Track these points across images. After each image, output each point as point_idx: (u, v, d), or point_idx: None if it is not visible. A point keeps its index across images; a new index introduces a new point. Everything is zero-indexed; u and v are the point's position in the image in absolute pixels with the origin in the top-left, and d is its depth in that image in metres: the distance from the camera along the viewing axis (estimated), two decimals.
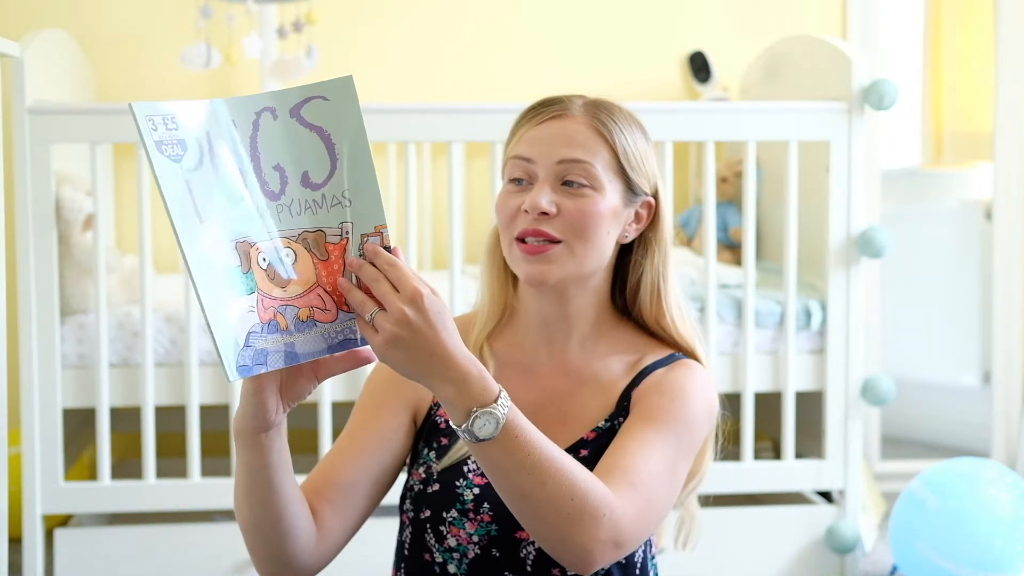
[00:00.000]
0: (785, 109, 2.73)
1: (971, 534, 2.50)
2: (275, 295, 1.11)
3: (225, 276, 1.08)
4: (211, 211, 1.08)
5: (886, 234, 2.71)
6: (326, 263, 1.13)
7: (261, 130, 1.11)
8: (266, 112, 1.11)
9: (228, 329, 1.07)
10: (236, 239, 1.09)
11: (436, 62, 3.52)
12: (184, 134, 1.07)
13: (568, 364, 1.45)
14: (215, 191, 1.08)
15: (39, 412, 2.55)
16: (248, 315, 1.09)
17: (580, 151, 1.38)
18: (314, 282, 1.13)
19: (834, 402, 2.75)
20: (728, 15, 3.60)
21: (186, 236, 1.06)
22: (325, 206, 1.13)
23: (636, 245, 1.46)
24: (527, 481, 1.19)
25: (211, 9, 3.03)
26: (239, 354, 1.08)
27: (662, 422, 1.35)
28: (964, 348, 4.05)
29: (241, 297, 1.08)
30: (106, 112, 2.58)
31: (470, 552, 1.38)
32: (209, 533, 2.67)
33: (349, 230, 1.13)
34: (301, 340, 1.12)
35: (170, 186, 1.06)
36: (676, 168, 3.38)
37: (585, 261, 1.39)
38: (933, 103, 4.40)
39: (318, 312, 1.13)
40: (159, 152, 1.06)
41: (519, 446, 1.19)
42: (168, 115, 1.07)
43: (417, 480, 1.42)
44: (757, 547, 2.76)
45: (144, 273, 2.57)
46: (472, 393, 1.16)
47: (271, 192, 1.11)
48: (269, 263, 1.11)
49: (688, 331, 1.47)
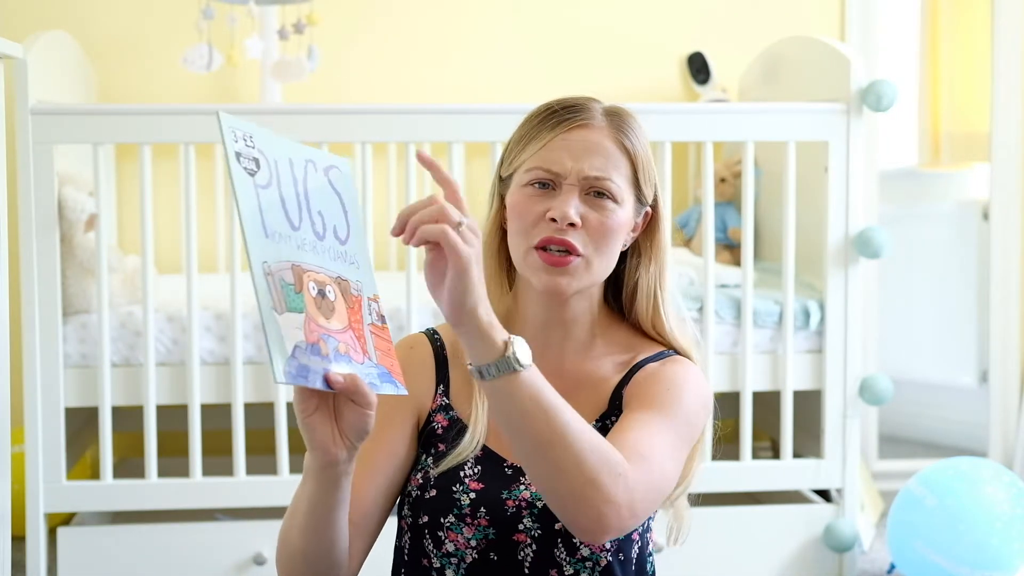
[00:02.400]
0: (784, 110, 2.74)
1: (968, 533, 2.51)
2: (320, 322, 1.15)
3: (282, 289, 1.12)
4: (274, 229, 1.14)
5: (884, 234, 2.72)
6: (352, 311, 1.19)
7: (307, 177, 1.19)
8: (310, 163, 1.19)
9: (279, 334, 1.11)
10: (292, 262, 1.14)
11: (436, 63, 3.53)
12: (259, 154, 1.14)
13: (563, 367, 1.45)
14: (279, 213, 1.14)
15: (42, 411, 2.56)
16: (296, 331, 1.12)
17: (609, 167, 1.39)
18: (347, 324, 1.17)
19: (832, 401, 2.76)
20: (727, 16, 3.61)
21: (253, 243, 1.11)
22: (346, 261, 1.20)
23: (631, 252, 1.47)
24: (554, 424, 1.18)
25: (213, 10, 3.04)
26: (287, 360, 1.10)
27: (659, 409, 1.35)
28: (961, 348, 4.06)
29: (293, 313, 1.13)
30: (108, 113, 2.59)
31: (468, 557, 1.38)
32: (211, 532, 2.68)
33: (360, 290, 1.20)
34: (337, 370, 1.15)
35: (245, 193, 1.12)
36: (675, 168, 3.39)
37: (598, 274, 1.40)
38: (931, 104, 4.42)
39: (352, 351, 1.17)
40: (237, 162, 1.12)
41: (543, 384, 1.20)
42: (247, 132, 1.14)
43: (415, 486, 1.42)
44: (755, 546, 2.77)
45: (146, 273, 2.58)
46: (500, 327, 1.19)
47: (317, 232, 1.18)
48: (319, 292, 1.15)
49: (687, 339, 1.47)
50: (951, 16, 4.34)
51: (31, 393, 2.55)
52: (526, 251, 1.39)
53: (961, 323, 4.06)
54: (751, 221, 2.76)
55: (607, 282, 1.47)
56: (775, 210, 3.06)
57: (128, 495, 2.64)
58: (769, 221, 3.20)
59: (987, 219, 3.81)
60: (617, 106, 1.45)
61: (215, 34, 3.19)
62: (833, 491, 2.82)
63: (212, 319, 2.67)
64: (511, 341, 1.18)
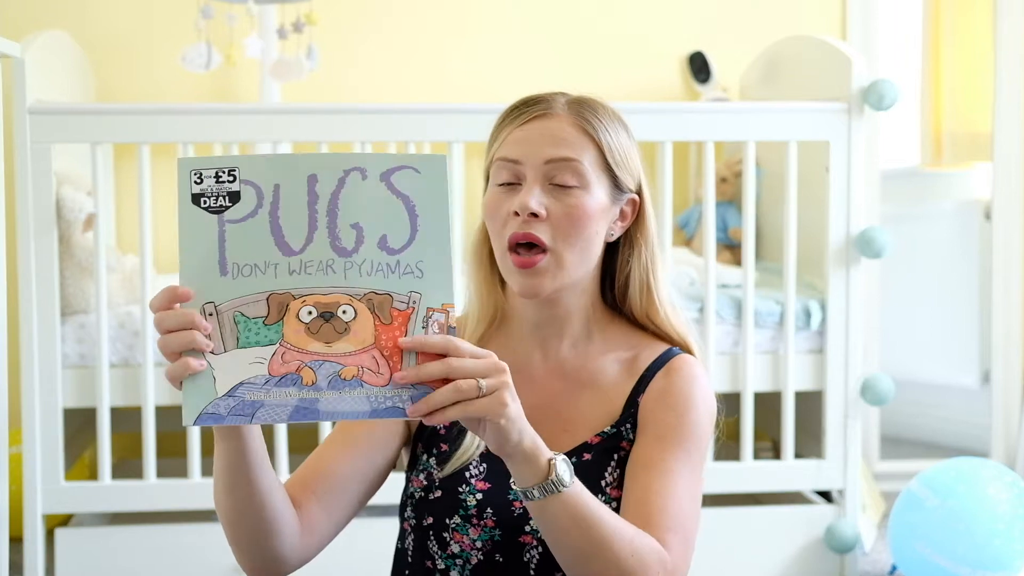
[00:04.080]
0: (785, 109, 2.73)
1: (970, 533, 2.51)
2: (311, 349, 1.12)
3: (234, 325, 1.12)
4: (245, 262, 1.12)
5: (886, 234, 2.72)
6: (388, 327, 1.14)
7: (346, 188, 1.14)
8: (355, 172, 1.14)
9: (203, 376, 1.11)
10: (272, 290, 1.13)
11: (436, 62, 3.52)
12: (241, 185, 1.13)
13: (563, 366, 1.44)
14: (264, 241, 1.13)
15: (40, 412, 2.55)
16: (249, 366, 1.11)
17: (567, 149, 1.36)
18: (371, 343, 1.13)
19: (833, 402, 2.75)
20: (728, 15, 3.60)
21: (188, 284, 1.12)
22: (398, 272, 1.14)
23: (622, 243, 1.45)
24: (595, 537, 1.20)
25: (211, 9, 3.03)
26: (212, 402, 1.11)
27: (675, 444, 1.35)
28: (963, 348, 4.05)
29: (246, 348, 1.12)
30: (107, 112, 2.58)
31: (473, 558, 1.37)
32: (209, 533, 2.67)
33: (417, 300, 1.15)
34: (331, 398, 1.13)
35: (194, 236, 1.12)
36: (676, 168, 3.39)
37: (574, 268, 1.38)
38: (932, 103, 4.41)
39: (368, 374, 1.13)
40: (192, 204, 1.12)
41: (586, 496, 1.21)
42: (224, 167, 1.13)
43: (418, 487, 1.41)
44: (757, 547, 2.76)
45: (144, 273, 2.57)
46: (543, 445, 1.19)
47: (342, 248, 1.14)
48: (320, 315, 1.13)
49: (681, 325, 1.47)
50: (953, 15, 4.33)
51: (29, 394, 2.54)
52: (502, 254, 1.38)
53: (963, 323, 4.05)
54: (752, 221, 2.75)
55: (603, 278, 1.46)
56: (776, 210, 3.05)
57: (126, 496, 2.63)
58: (770, 221, 3.20)
59: (989, 219, 3.80)
60: (583, 96, 1.43)
61: (214, 33, 3.18)
62: (834, 492, 2.81)
63: None
64: (554, 463, 1.18)
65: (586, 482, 1.35)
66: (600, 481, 1.37)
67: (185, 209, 1.12)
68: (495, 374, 1.13)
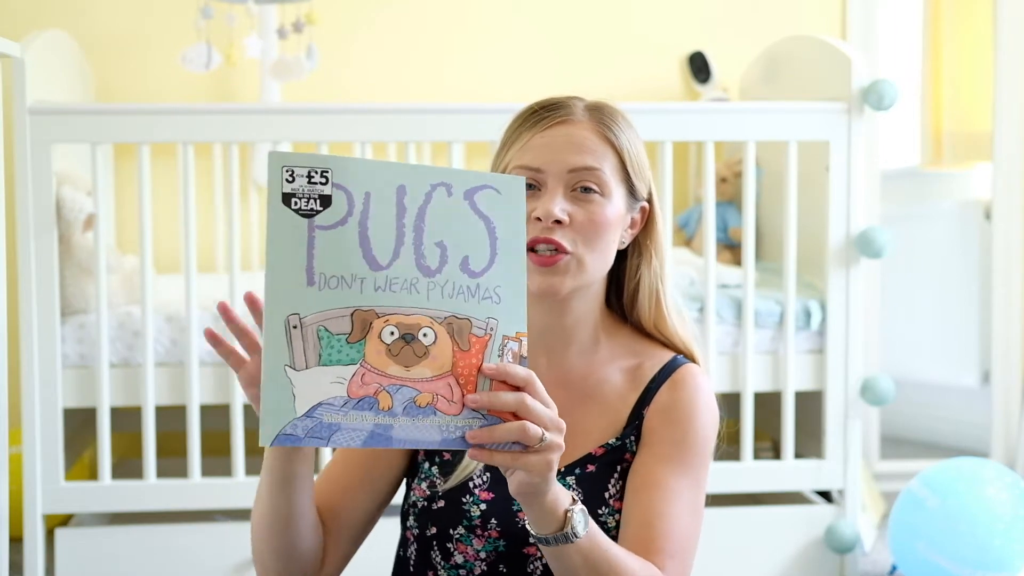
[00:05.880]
0: (785, 109, 2.73)
1: (970, 534, 2.50)
2: (390, 372, 1.07)
3: (318, 341, 1.06)
4: (332, 273, 1.06)
5: (886, 234, 2.72)
6: (465, 354, 1.09)
7: (432, 203, 1.09)
8: (441, 187, 1.09)
9: (283, 393, 1.05)
10: (358, 306, 1.07)
11: (436, 62, 3.53)
12: (334, 189, 1.06)
13: (568, 375, 1.43)
14: (352, 253, 1.07)
15: (40, 412, 2.55)
16: (329, 386, 1.06)
17: (590, 158, 1.36)
18: (448, 370, 1.08)
19: (834, 402, 2.75)
20: (728, 15, 3.60)
21: (282, 294, 1.05)
22: (478, 296, 1.10)
23: (632, 251, 1.45)
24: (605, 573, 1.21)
25: (211, 9, 3.03)
26: (291, 422, 1.05)
27: (678, 461, 1.35)
28: (963, 348, 4.05)
29: (327, 367, 1.06)
30: (107, 112, 2.58)
31: (476, 569, 1.36)
32: (209, 533, 2.67)
33: (494, 327, 1.10)
34: (405, 425, 1.08)
35: (280, 239, 1.05)
36: (676, 168, 3.39)
37: (593, 271, 1.37)
38: (932, 103, 4.41)
39: (442, 401, 1.08)
40: (282, 204, 1.05)
41: (599, 541, 1.21)
42: (319, 167, 1.06)
43: (421, 496, 1.40)
44: (757, 547, 2.76)
45: (145, 273, 2.57)
46: (563, 494, 1.19)
47: (426, 267, 1.08)
48: (402, 337, 1.08)
49: (688, 335, 1.46)
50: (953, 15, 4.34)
51: (29, 394, 2.54)
52: None
53: (963, 323, 4.05)
54: (752, 221, 2.75)
55: (609, 284, 1.46)
56: (776, 210, 3.05)
57: (126, 496, 2.63)
58: (770, 221, 3.20)
59: (989, 219, 3.80)
60: (600, 101, 1.42)
61: (214, 33, 3.18)
62: (834, 492, 2.81)
63: (211, 319, 2.66)
64: (571, 515, 1.18)
65: (590, 495, 1.35)
66: (604, 493, 1.37)
67: (275, 208, 1.05)
68: (556, 431, 1.12)
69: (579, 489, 1.37)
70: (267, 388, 1.05)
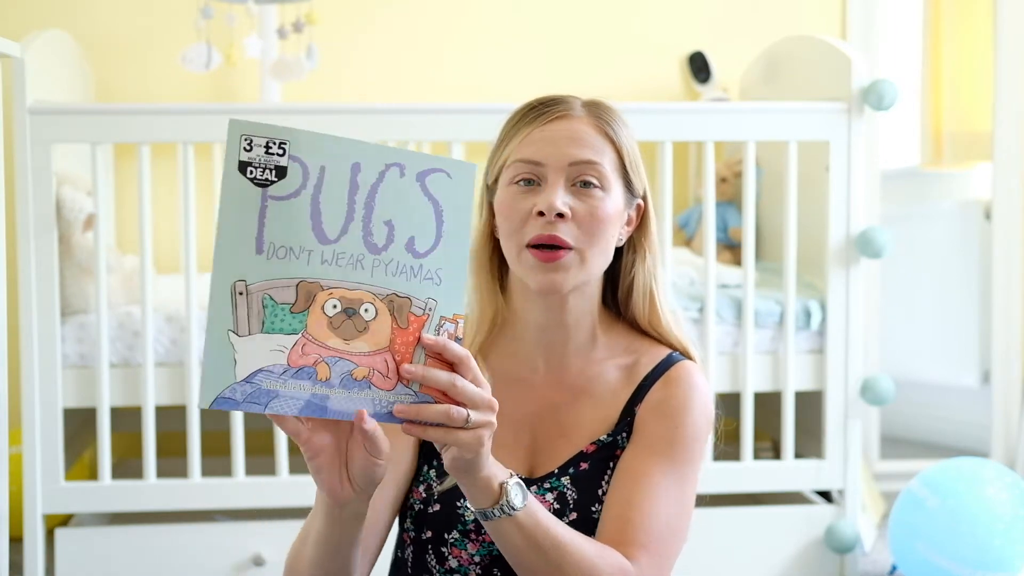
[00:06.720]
0: (785, 109, 2.73)
1: (970, 534, 2.50)
2: (330, 344, 1.10)
3: (262, 309, 1.09)
4: (281, 243, 1.08)
5: (886, 234, 2.72)
6: (403, 331, 1.12)
7: (385, 182, 1.11)
8: (395, 167, 1.12)
9: (224, 358, 1.07)
10: (304, 278, 1.09)
11: (435, 62, 3.52)
12: (290, 161, 1.09)
13: (565, 373, 1.43)
14: (302, 225, 1.09)
15: (40, 412, 2.55)
16: (270, 353, 1.08)
17: (590, 152, 1.36)
18: (385, 346, 1.11)
19: (833, 402, 2.75)
20: (728, 15, 3.60)
21: (230, 259, 1.07)
22: (420, 276, 1.12)
23: (627, 248, 1.45)
24: (552, 559, 1.21)
25: (211, 9, 3.03)
26: (231, 386, 1.07)
27: (665, 456, 1.35)
28: (963, 348, 4.05)
29: (270, 334, 1.08)
30: (107, 112, 2.58)
31: (471, 573, 1.37)
32: (209, 533, 2.67)
33: (433, 308, 1.13)
34: (341, 397, 1.10)
35: (236, 206, 1.08)
36: (676, 168, 3.39)
37: (594, 266, 1.38)
38: (932, 103, 4.41)
39: (377, 376, 1.11)
40: (238, 171, 1.08)
41: (541, 518, 1.21)
42: (277, 138, 1.09)
43: (417, 499, 1.40)
44: (756, 547, 2.76)
45: (144, 273, 2.57)
46: (498, 470, 1.19)
47: (373, 245, 1.11)
48: (344, 310, 1.10)
49: (682, 331, 1.47)
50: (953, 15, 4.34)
51: (29, 394, 2.54)
52: (519, 251, 1.37)
53: (963, 323, 4.05)
54: (752, 221, 2.75)
55: (605, 281, 1.46)
56: (776, 210, 3.05)
57: (126, 496, 2.63)
58: (770, 221, 3.20)
59: (989, 219, 3.80)
60: (597, 99, 1.43)
61: (214, 33, 3.18)
62: (834, 492, 2.81)
63: None
64: (506, 487, 1.18)
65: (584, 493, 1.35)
66: (597, 491, 1.37)
67: (231, 175, 1.07)
68: (486, 411, 1.13)
69: (574, 489, 1.37)
70: (209, 352, 1.07)
